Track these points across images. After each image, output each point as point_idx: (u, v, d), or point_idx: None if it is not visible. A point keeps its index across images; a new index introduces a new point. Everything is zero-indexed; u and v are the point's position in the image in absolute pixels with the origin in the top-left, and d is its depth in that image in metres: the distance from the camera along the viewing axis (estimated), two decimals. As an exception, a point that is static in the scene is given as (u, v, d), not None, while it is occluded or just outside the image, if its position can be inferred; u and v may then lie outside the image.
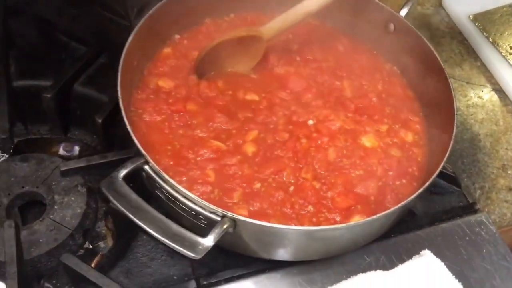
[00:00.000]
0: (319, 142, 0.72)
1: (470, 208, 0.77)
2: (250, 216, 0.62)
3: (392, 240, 0.71)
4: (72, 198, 0.75)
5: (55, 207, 0.74)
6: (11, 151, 0.83)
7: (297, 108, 0.76)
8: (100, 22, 0.96)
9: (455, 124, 0.69)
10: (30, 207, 0.77)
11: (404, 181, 0.72)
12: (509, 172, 0.86)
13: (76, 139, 0.87)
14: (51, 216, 0.73)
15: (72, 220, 0.73)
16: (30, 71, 0.85)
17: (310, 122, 0.75)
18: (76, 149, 0.86)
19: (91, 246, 0.75)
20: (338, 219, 0.66)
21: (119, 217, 0.71)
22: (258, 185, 0.67)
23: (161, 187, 0.60)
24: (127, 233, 0.72)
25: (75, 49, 0.90)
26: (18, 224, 0.68)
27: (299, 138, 0.72)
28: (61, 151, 0.85)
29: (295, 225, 0.64)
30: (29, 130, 0.87)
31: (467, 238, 0.72)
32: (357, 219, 0.65)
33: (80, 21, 0.97)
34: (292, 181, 0.69)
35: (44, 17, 0.92)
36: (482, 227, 0.74)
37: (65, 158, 0.82)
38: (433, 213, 0.76)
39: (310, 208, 0.67)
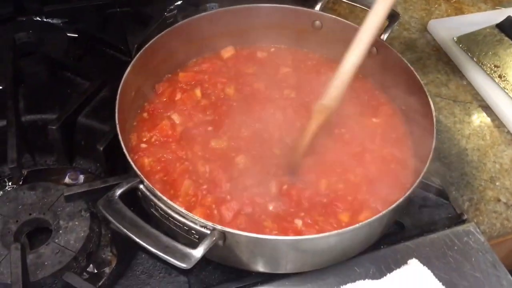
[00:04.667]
0: None
1: (458, 219, 0.79)
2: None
3: (382, 251, 0.73)
4: (76, 223, 0.79)
5: (60, 231, 0.78)
6: (21, 182, 0.88)
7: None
8: (103, 59, 1.04)
9: (434, 136, 0.72)
10: (37, 233, 0.81)
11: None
12: (497, 183, 0.88)
13: (81, 168, 0.92)
14: (56, 240, 0.77)
15: (76, 243, 0.77)
16: (37, 106, 0.91)
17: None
18: (81, 177, 0.90)
19: (96, 271, 0.79)
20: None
21: (119, 236, 0.75)
22: None
23: (155, 204, 0.64)
24: (127, 252, 0.76)
25: (79, 84, 0.96)
26: (24, 247, 0.72)
27: None
28: (67, 180, 0.90)
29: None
30: (37, 162, 0.92)
31: (456, 247, 0.74)
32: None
33: (85, 59, 1.04)
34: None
35: (52, 56, 0.99)
36: (470, 236, 0.76)
37: (70, 187, 0.87)
38: (421, 225, 0.78)
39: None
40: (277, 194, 0.72)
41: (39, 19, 1.09)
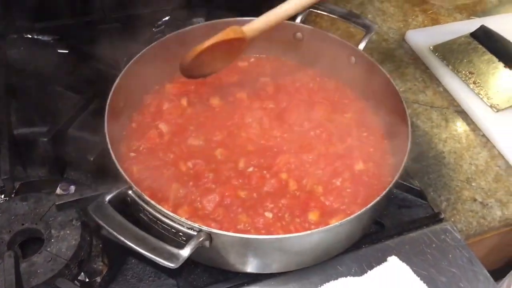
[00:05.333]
0: None
1: (435, 218, 0.82)
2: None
3: (363, 250, 0.76)
4: (68, 232, 0.81)
5: (52, 240, 0.80)
6: (13, 194, 0.90)
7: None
8: (93, 73, 1.07)
9: (409, 139, 0.76)
10: (30, 243, 0.83)
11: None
12: (473, 184, 0.92)
13: (72, 179, 0.94)
14: (48, 249, 0.78)
15: (67, 251, 0.78)
16: (29, 120, 0.93)
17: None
18: (72, 188, 0.92)
19: (87, 280, 0.81)
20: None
21: (110, 243, 0.77)
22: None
23: (144, 209, 0.66)
24: (118, 258, 0.78)
25: (70, 98, 0.98)
26: (17, 254, 0.74)
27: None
28: (58, 191, 0.92)
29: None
30: (29, 174, 0.94)
31: (434, 245, 0.78)
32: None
33: (76, 73, 1.07)
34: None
35: (43, 72, 1.02)
36: (447, 234, 0.79)
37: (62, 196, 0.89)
38: (401, 224, 0.81)
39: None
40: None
41: (30, 36, 1.12)
